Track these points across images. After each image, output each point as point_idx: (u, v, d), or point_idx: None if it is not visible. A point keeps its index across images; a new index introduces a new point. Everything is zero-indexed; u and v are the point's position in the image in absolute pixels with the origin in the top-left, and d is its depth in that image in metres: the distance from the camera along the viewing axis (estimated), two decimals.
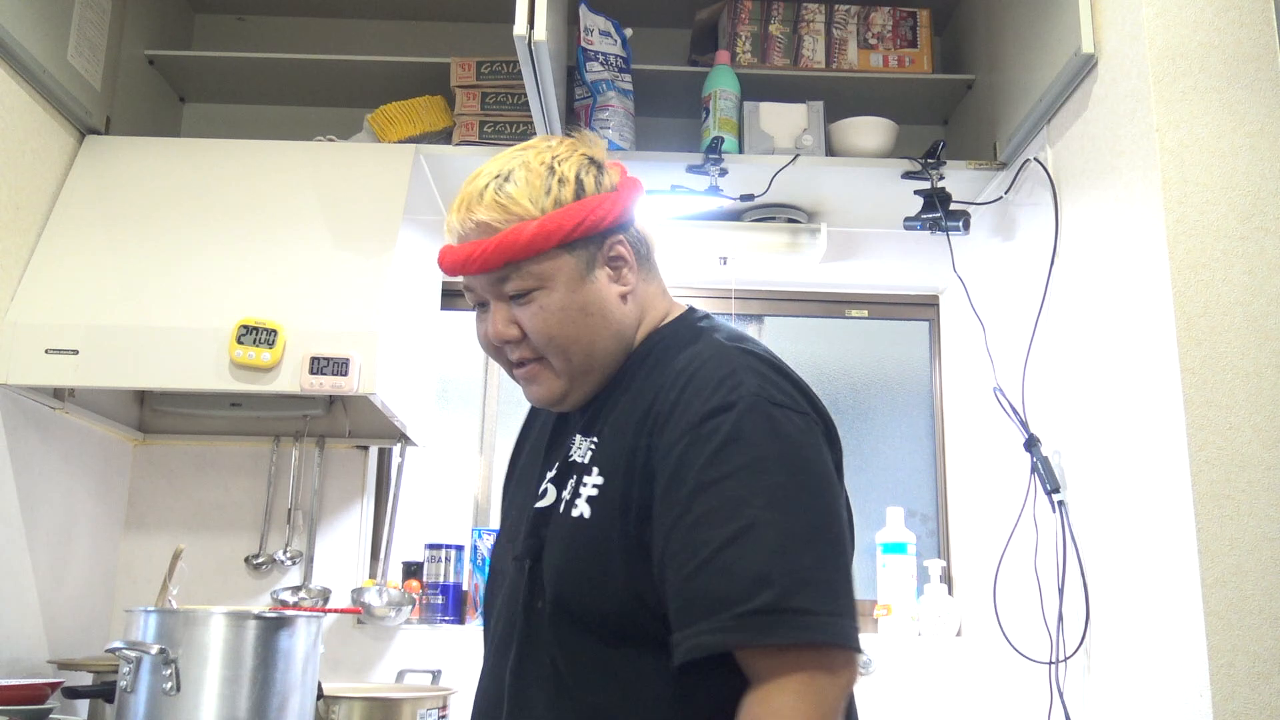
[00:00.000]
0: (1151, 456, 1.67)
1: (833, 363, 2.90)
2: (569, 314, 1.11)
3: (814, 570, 0.95)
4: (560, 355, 1.14)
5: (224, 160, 2.25)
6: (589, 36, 2.31)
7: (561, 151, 1.14)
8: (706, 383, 1.04)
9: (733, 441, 0.99)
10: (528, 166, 1.11)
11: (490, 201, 1.10)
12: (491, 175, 1.12)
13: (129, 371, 1.96)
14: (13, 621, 2.03)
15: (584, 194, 1.12)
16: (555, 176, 1.11)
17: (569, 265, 1.11)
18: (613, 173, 1.17)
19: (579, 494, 1.09)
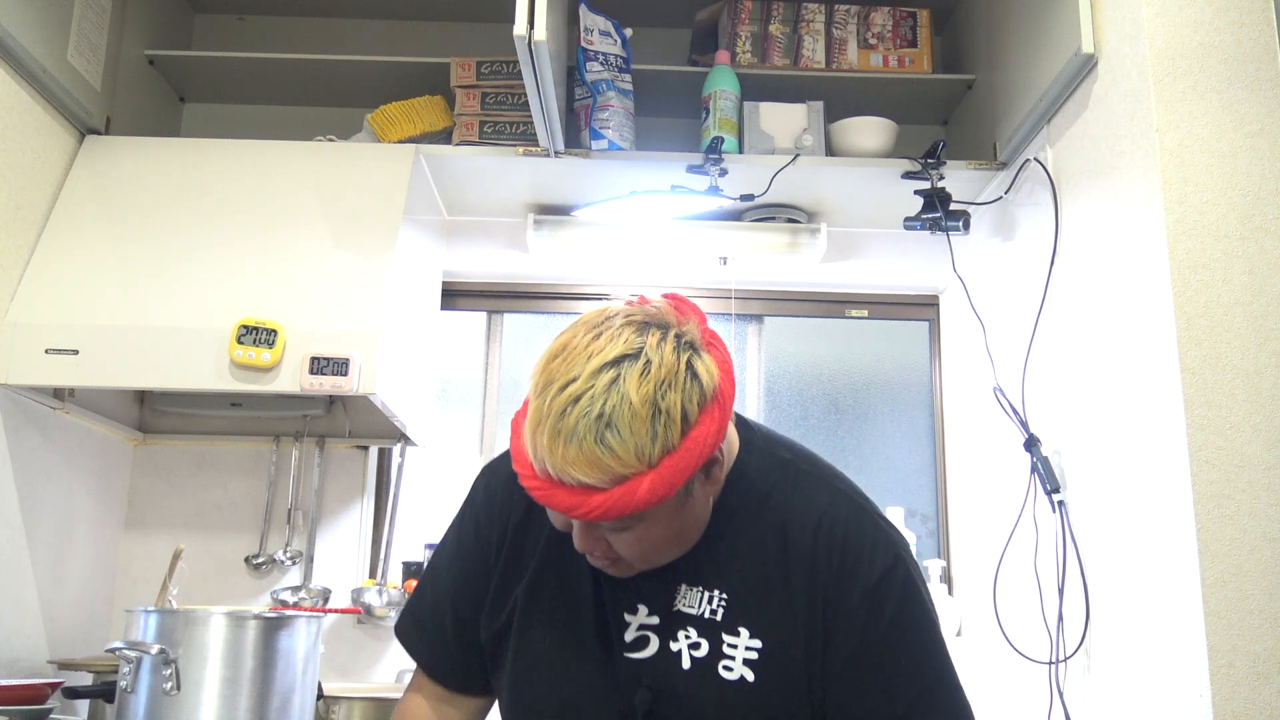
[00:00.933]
0: (1151, 456, 1.67)
1: (833, 363, 2.90)
2: (668, 541, 1.07)
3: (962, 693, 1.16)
4: (647, 563, 1.09)
5: (224, 160, 2.25)
6: (589, 36, 2.31)
7: (661, 366, 0.97)
8: (862, 543, 1.13)
9: (906, 602, 1.12)
10: (630, 407, 0.95)
11: (591, 458, 0.95)
12: (590, 417, 0.95)
13: (129, 371, 1.96)
14: (13, 621, 2.03)
15: (691, 426, 0.98)
16: (662, 418, 0.96)
17: (673, 503, 1.02)
18: (709, 366, 1.01)
19: (724, 654, 1.09)
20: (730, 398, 1.02)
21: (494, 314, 2.88)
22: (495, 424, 2.81)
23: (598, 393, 0.95)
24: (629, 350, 0.98)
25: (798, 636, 1.08)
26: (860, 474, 2.79)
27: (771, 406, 2.85)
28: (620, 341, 0.98)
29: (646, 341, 0.98)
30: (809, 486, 1.14)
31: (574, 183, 2.41)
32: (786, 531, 1.12)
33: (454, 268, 2.75)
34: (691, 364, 0.99)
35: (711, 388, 0.99)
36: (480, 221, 2.63)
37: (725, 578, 1.11)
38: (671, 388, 0.97)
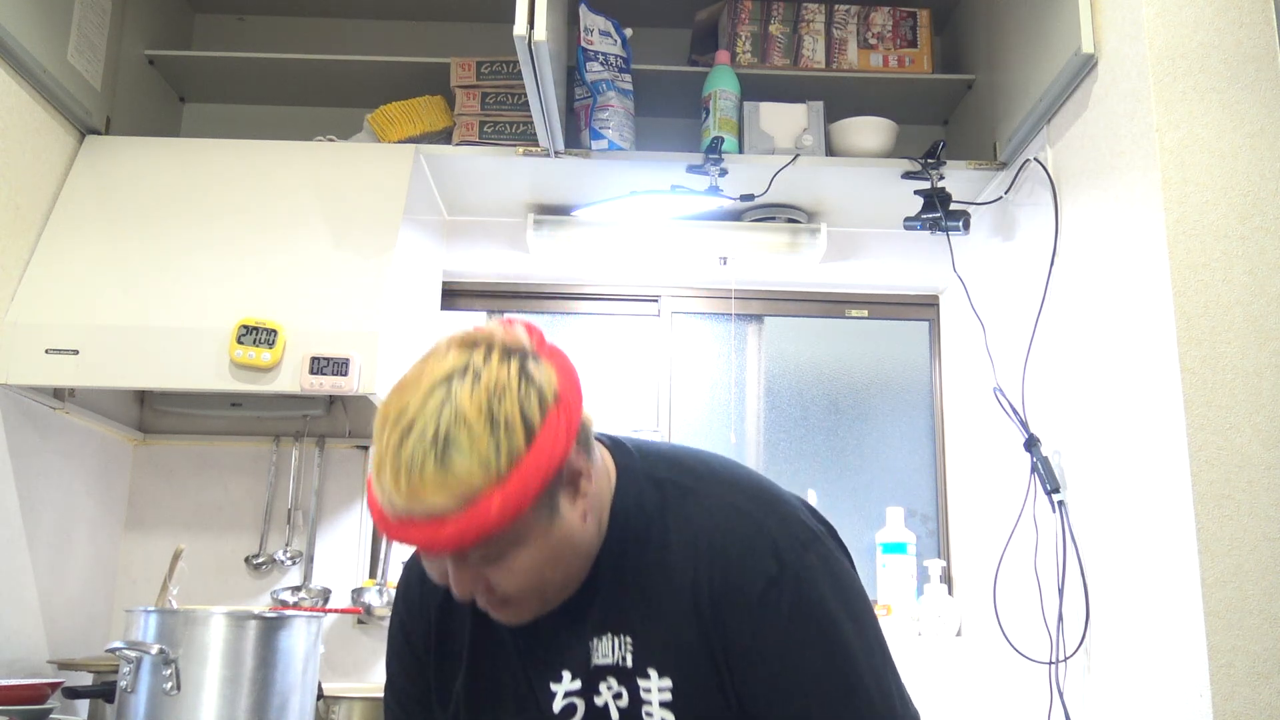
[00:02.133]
0: (1151, 456, 1.67)
1: (833, 363, 2.90)
2: (543, 566, 0.99)
3: (899, 685, 1.06)
4: (537, 598, 1.03)
5: (224, 160, 2.25)
6: (589, 36, 2.31)
7: (492, 379, 0.93)
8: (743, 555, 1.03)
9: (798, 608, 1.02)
10: (465, 422, 0.91)
11: (435, 482, 0.90)
12: (425, 440, 0.91)
13: (129, 371, 1.96)
14: (13, 621, 2.03)
15: (534, 431, 0.93)
16: (501, 427, 0.91)
17: (536, 517, 0.96)
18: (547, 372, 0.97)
19: (642, 699, 1.04)
20: (576, 403, 0.97)
21: (494, 314, 2.88)
22: None
23: (430, 414, 0.91)
24: (456, 366, 0.94)
25: (704, 667, 1.03)
26: (860, 474, 2.80)
27: (771, 406, 2.85)
28: (447, 360, 0.95)
29: (472, 356, 0.95)
30: (687, 506, 1.06)
31: (574, 183, 2.41)
32: (669, 559, 1.04)
33: (454, 268, 2.75)
34: (525, 369, 0.95)
35: (551, 390, 0.95)
36: (480, 221, 2.63)
37: (627, 619, 1.05)
38: (506, 394, 0.93)
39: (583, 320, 2.88)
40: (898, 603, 2.54)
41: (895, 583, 2.56)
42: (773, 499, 1.10)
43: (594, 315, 2.88)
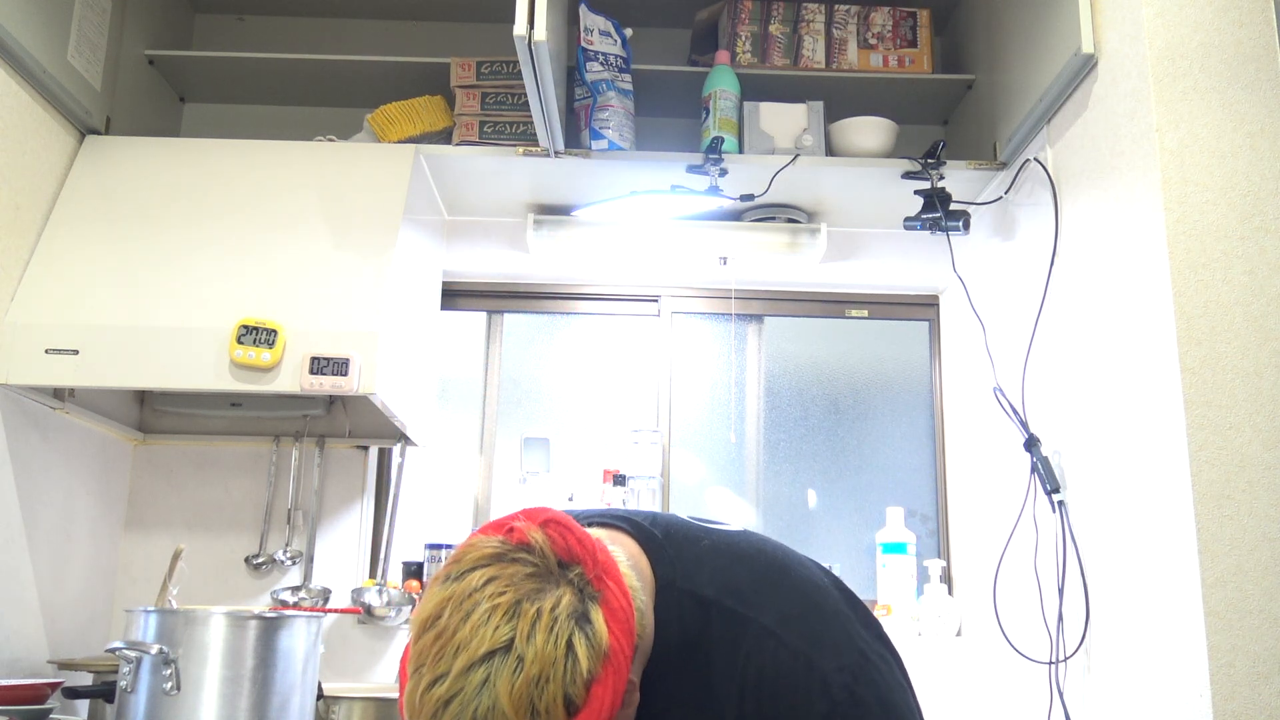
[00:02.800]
0: (1151, 456, 1.67)
1: (833, 363, 2.90)
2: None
3: None
4: None
5: (224, 160, 2.25)
6: (589, 36, 2.31)
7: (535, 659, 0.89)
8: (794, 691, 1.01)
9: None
10: (502, 715, 0.88)
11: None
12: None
13: (129, 371, 1.96)
14: (13, 621, 2.03)
15: (578, 710, 0.90)
16: (542, 715, 0.89)
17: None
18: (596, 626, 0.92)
19: None
20: (626, 650, 0.93)
21: (494, 314, 2.88)
22: (495, 424, 2.81)
23: (468, 695, 0.88)
24: (498, 644, 0.89)
25: None
26: (860, 474, 2.80)
27: (771, 406, 2.85)
28: (490, 630, 0.90)
29: (518, 629, 0.89)
30: (733, 630, 1.02)
31: (574, 183, 2.41)
32: (713, 687, 1.02)
33: (454, 268, 2.75)
34: (572, 644, 0.90)
35: (601, 653, 0.91)
36: (480, 221, 2.63)
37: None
38: (549, 682, 0.88)
39: (583, 320, 2.88)
40: (898, 603, 2.54)
41: (895, 583, 2.56)
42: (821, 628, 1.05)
43: (594, 315, 2.88)
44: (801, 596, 1.07)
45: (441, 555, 2.55)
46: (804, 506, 2.77)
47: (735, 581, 1.06)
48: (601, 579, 0.95)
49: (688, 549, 1.09)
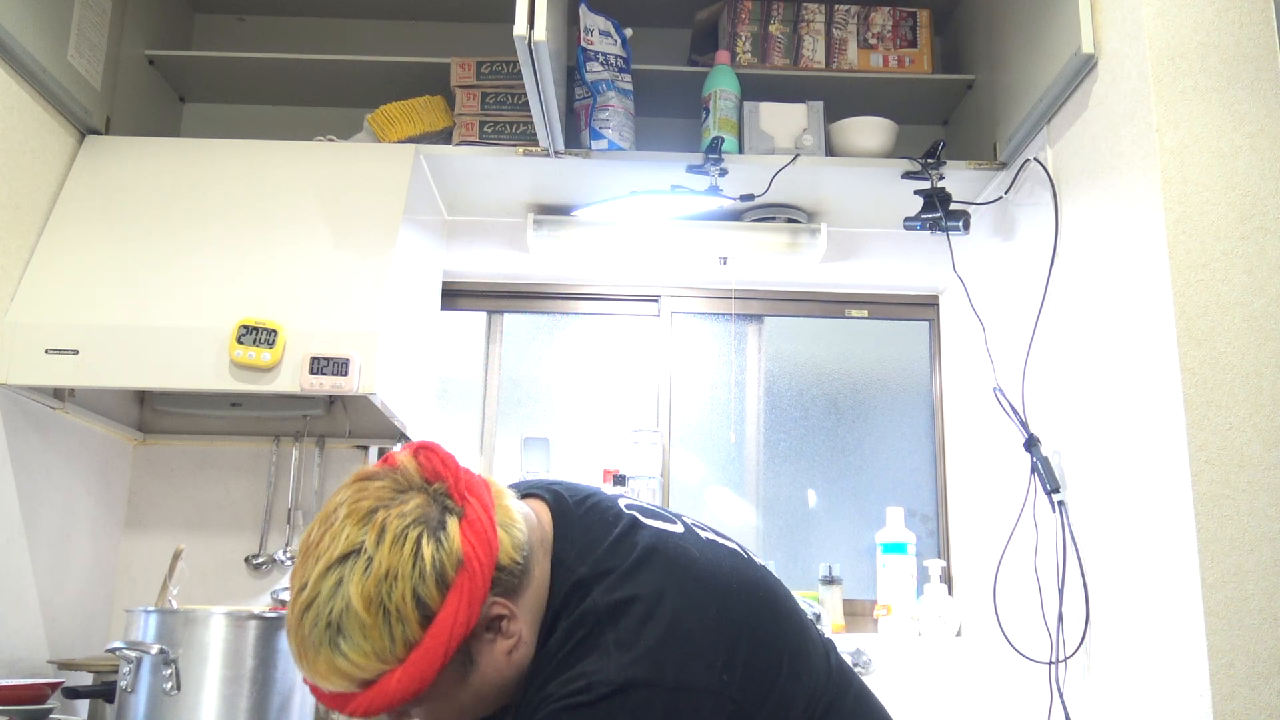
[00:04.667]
0: (1151, 456, 1.67)
1: (833, 363, 2.90)
2: (467, 706, 1.01)
3: None
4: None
5: (224, 160, 2.25)
6: (589, 36, 2.31)
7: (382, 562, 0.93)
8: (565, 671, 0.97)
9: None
10: (355, 615, 0.92)
11: (330, 668, 0.93)
12: (319, 627, 0.93)
13: (129, 371, 1.96)
14: (13, 621, 2.03)
15: (432, 614, 0.93)
16: (393, 616, 0.92)
17: (445, 678, 0.97)
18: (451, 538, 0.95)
19: None
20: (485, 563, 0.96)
21: (494, 314, 2.88)
22: (495, 424, 2.81)
23: (323, 599, 0.93)
24: (350, 547, 0.93)
25: None
26: (860, 474, 2.80)
27: (771, 406, 2.85)
28: (342, 538, 0.94)
29: (367, 536, 0.94)
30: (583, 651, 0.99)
31: (574, 183, 2.41)
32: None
33: (454, 268, 2.75)
34: (420, 548, 0.93)
35: (454, 563, 0.94)
36: (480, 221, 2.63)
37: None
38: (398, 581, 0.92)
39: (583, 320, 2.88)
40: (898, 603, 2.54)
41: (895, 583, 2.56)
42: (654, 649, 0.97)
43: (594, 315, 2.88)
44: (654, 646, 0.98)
45: None
46: (804, 506, 2.77)
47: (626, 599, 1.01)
48: (465, 496, 0.98)
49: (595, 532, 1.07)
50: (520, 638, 1.01)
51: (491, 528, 0.98)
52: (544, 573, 1.05)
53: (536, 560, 1.04)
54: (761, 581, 1.10)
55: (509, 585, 1.00)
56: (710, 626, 1.00)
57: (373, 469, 1.01)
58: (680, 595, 1.01)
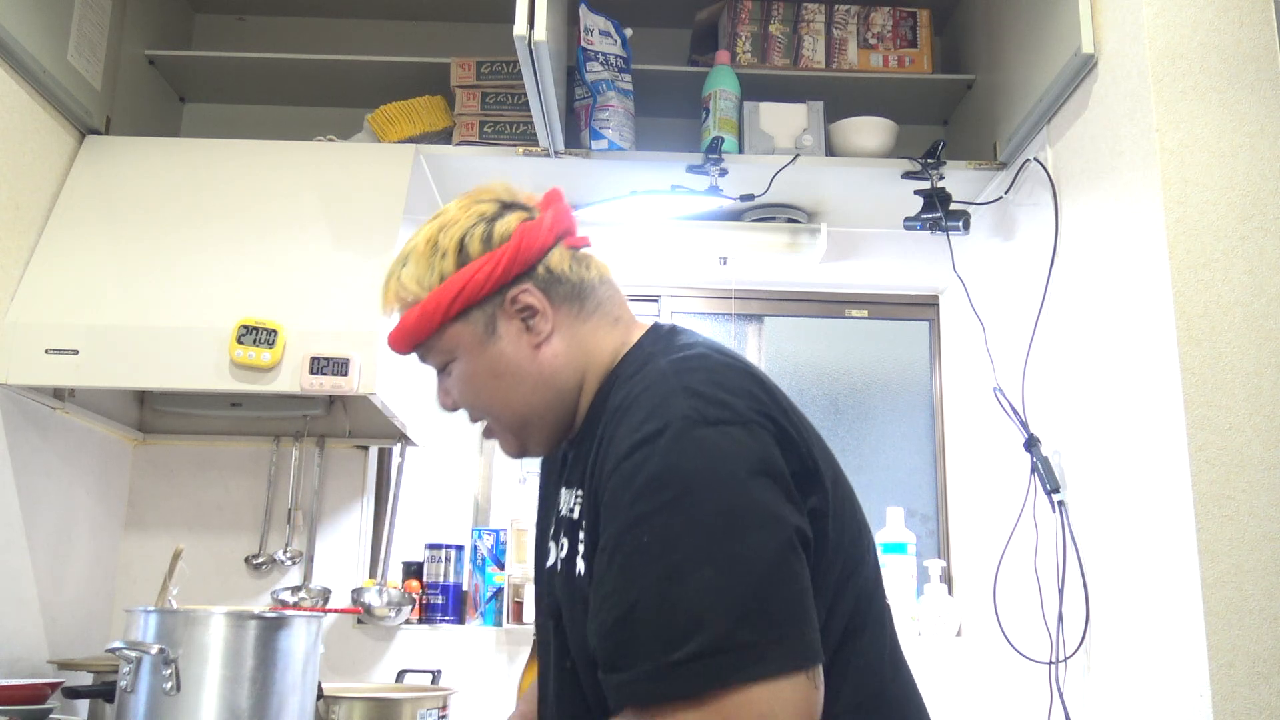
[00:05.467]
0: (1151, 456, 1.67)
1: (833, 363, 2.90)
2: (479, 379, 1.12)
3: (754, 600, 0.85)
4: (490, 416, 1.15)
5: (224, 160, 2.25)
6: (589, 36, 2.31)
7: (450, 218, 1.13)
8: (637, 414, 0.96)
9: (659, 475, 0.90)
10: (417, 248, 1.12)
11: (392, 291, 1.14)
12: (397, 259, 1.15)
13: (129, 371, 1.96)
14: (13, 621, 2.03)
15: (467, 260, 1.10)
16: (438, 252, 1.11)
17: (466, 333, 1.11)
18: (509, 220, 1.12)
19: (577, 550, 1.03)
20: (531, 253, 1.11)
21: None
22: None
23: (410, 241, 1.14)
24: (440, 212, 1.15)
25: (591, 520, 1.00)
26: (860, 474, 2.80)
27: None
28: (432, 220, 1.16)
29: (454, 202, 1.16)
30: (644, 369, 1.04)
31: (574, 183, 2.41)
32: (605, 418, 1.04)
33: None
34: (481, 214, 1.13)
35: (503, 235, 1.11)
36: None
37: (579, 474, 1.07)
38: (452, 228, 1.12)
39: None
40: (898, 603, 2.54)
41: (895, 583, 2.56)
42: (710, 374, 0.99)
43: None
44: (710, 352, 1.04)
45: (441, 555, 2.55)
46: None
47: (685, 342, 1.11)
48: (542, 211, 1.15)
49: (689, 340, 1.13)
50: (549, 341, 1.11)
51: (548, 234, 1.13)
52: (613, 328, 1.16)
53: (603, 309, 1.16)
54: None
55: (554, 291, 1.12)
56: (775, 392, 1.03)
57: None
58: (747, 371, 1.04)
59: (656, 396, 0.96)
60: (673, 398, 0.95)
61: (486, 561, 2.57)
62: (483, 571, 2.56)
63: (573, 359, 1.12)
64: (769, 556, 0.87)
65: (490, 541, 2.58)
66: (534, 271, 1.11)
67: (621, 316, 1.18)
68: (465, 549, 2.59)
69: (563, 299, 1.12)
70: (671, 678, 0.83)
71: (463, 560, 2.58)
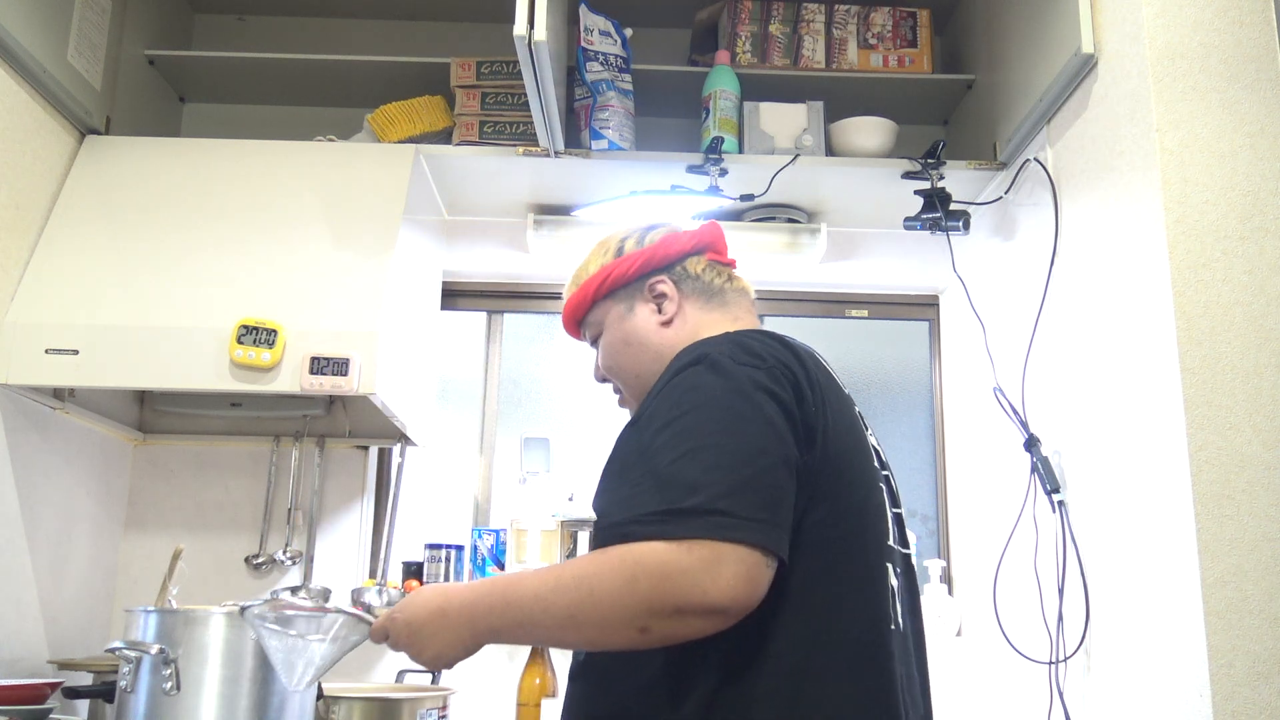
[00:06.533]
0: (1151, 456, 1.67)
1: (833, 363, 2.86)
2: (615, 347, 1.36)
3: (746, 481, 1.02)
4: (622, 381, 1.38)
5: (224, 160, 2.25)
6: (589, 36, 2.31)
7: (622, 228, 1.42)
8: (684, 356, 1.17)
9: (691, 389, 1.10)
10: (595, 248, 1.42)
11: (573, 280, 1.42)
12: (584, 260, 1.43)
13: (129, 371, 1.96)
14: (13, 621, 2.03)
15: (622, 254, 1.37)
16: (605, 250, 1.39)
17: (612, 310, 1.37)
18: (660, 230, 1.39)
19: None
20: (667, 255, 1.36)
21: (494, 314, 2.88)
22: (495, 424, 2.81)
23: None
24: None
25: None
26: None
27: None
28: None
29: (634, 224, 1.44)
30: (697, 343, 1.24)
31: (574, 183, 2.41)
32: None
33: (454, 268, 2.75)
34: (645, 225, 1.41)
35: (653, 238, 1.38)
36: (480, 221, 2.63)
37: None
38: (622, 233, 1.41)
39: None
40: None
41: None
42: (749, 337, 1.18)
43: None
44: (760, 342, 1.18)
45: (441, 555, 2.55)
46: None
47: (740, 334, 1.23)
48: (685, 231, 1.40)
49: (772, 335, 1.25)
50: (672, 323, 1.33)
51: (688, 242, 1.37)
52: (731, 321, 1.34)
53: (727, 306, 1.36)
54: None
55: (685, 285, 1.35)
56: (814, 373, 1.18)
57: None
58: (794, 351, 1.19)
59: (703, 346, 1.17)
60: (714, 343, 1.16)
61: (486, 561, 2.56)
62: (483, 571, 2.56)
63: (688, 338, 1.29)
64: (767, 457, 1.05)
65: (490, 541, 2.58)
66: (672, 267, 1.36)
67: (741, 318, 1.36)
68: (465, 549, 2.59)
69: (692, 293, 1.35)
70: (662, 522, 1.00)
71: (463, 560, 2.57)
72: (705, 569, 0.97)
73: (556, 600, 1.04)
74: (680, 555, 0.98)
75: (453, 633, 1.15)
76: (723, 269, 1.39)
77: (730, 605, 0.98)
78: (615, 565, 1.01)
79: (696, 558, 0.97)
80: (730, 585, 0.97)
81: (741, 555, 0.98)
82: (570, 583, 1.04)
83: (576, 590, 1.03)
